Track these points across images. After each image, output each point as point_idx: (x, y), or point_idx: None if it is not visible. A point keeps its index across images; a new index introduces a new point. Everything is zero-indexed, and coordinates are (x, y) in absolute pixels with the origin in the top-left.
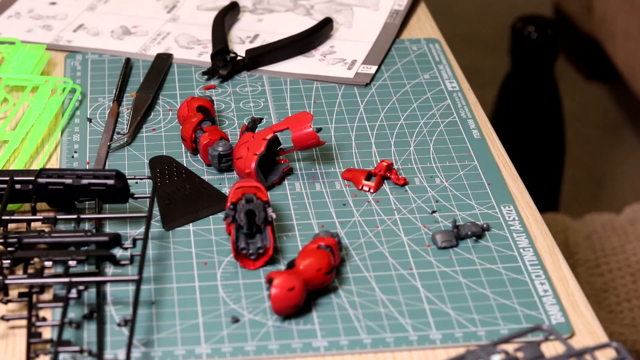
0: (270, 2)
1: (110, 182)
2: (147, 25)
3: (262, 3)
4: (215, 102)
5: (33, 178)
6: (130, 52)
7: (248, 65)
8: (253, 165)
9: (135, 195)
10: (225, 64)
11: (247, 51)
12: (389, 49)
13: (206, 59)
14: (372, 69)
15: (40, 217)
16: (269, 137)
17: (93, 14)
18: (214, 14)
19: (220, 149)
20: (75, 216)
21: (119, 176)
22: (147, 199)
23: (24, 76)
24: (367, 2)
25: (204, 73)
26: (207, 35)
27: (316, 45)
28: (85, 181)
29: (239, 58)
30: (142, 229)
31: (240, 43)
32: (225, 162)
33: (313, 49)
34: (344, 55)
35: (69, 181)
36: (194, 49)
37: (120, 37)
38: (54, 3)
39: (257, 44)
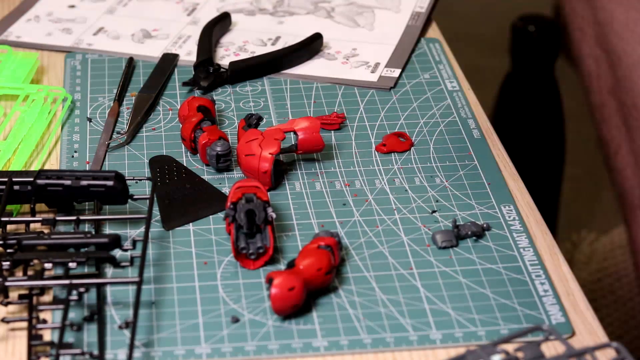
0: (291, 5)
1: (110, 183)
2: (168, 29)
3: (283, 5)
4: (216, 102)
5: (32, 179)
6: (152, 56)
7: (231, 78)
8: (268, 165)
9: (135, 197)
10: (207, 76)
11: (231, 64)
12: (412, 52)
13: (228, 61)
14: (396, 72)
15: (40, 219)
16: (281, 138)
17: (112, 17)
18: (235, 16)
19: (218, 148)
20: (74, 218)
21: (118, 177)
22: (147, 200)
23: (16, 85)
24: (388, 4)
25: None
26: (229, 38)
27: (305, 60)
28: (84, 182)
29: (222, 70)
30: (142, 230)
31: (261, 45)
32: (223, 162)
33: (301, 64)
34: (367, 58)
35: (68, 182)
36: (215, 52)
37: (141, 40)
38: (72, 6)
39: (279, 46)
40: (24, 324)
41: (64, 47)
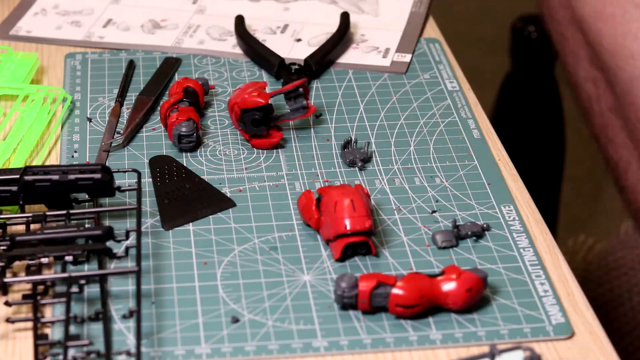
0: None
1: (97, 176)
2: (175, 18)
3: None
4: (207, 86)
5: (18, 176)
6: (164, 46)
7: (317, 72)
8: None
9: (122, 188)
10: (296, 79)
11: (307, 59)
12: (419, 38)
13: (240, 50)
14: (407, 57)
15: (30, 214)
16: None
17: (118, 7)
18: (239, 3)
19: (183, 129)
20: (64, 212)
21: (105, 169)
22: (135, 191)
23: (16, 85)
24: None
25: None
26: None
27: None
28: (72, 176)
29: (302, 67)
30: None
31: (271, 33)
32: (186, 143)
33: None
34: (376, 43)
35: (55, 177)
36: (226, 40)
37: (151, 31)
38: None
39: (287, 34)
40: (27, 324)
41: (76, 42)
